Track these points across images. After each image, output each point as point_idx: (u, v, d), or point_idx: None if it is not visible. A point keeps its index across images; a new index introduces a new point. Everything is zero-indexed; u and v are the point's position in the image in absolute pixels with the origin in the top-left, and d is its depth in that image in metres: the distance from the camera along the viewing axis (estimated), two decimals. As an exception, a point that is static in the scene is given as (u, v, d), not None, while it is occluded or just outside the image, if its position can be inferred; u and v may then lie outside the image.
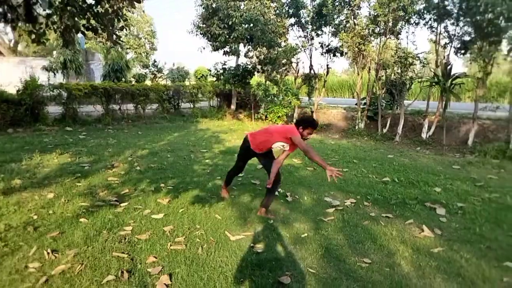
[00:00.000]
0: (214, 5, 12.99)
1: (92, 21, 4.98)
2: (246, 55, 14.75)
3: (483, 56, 8.81)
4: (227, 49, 14.28)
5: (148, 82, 18.62)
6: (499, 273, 2.99)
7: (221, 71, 14.89)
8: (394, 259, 3.20)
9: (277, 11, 13.48)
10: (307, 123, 3.97)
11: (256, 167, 6.60)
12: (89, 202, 4.36)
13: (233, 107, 15.71)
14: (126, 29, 5.69)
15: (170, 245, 3.32)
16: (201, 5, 13.45)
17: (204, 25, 13.61)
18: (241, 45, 14.39)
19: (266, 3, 13.29)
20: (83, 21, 4.96)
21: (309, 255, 3.26)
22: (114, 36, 5.24)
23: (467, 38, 9.73)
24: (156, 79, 20.00)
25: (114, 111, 12.85)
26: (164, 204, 4.38)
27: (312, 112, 13.46)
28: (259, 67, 14.17)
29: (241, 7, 13.27)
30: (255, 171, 6.31)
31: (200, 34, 13.95)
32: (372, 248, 3.41)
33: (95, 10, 4.88)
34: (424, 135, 10.29)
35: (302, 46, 13.46)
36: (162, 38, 71.68)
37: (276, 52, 13.04)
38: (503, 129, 9.16)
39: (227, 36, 13.05)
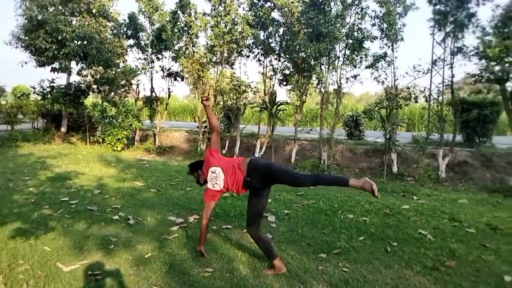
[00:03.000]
0: (39, 17, 11.62)
1: None
2: (79, 73, 13.59)
3: (299, 87, 10.52)
4: (56, 65, 12.88)
5: None
6: (316, 264, 3.60)
7: (49, 89, 13.28)
8: (234, 265, 3.49)
9: (115, 31, 13.02)
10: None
11: (93, 192, 6.15)
12: None
13: (63, 129, 14.13)
14: None
15: (-17, 288, 2.80)
16: (23, 15, 11.84)
17: (27, 38, 11.98)
18: (73, 62, 13.23)
19: (102, 22, 12.68)
20: None
21: (153, 273, 3.25)
22: None
23: (287, 71, 11.48)
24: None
25: None
26: (-28, 243, 3.64)
27: (154, 134, 13.31)
28: (94, 86, 13.24)
29: (73, 22, 12.30)
30: (91, 196, 5.87)
31: (22, 47, 12.19)
32: (214, 258, 3.63)
33: None
34: (257, 154, 11.45)
35: (142, 68, 13.29)
36: (-34, 48, 59.07)
37: (114, 73, 12.49)
38: (316, 148, 11.04)
39: (56, 52, 11.83)
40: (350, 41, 9.76)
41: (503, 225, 4.85)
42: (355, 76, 10.13)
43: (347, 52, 9.93)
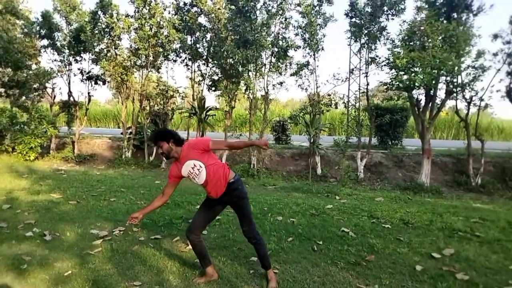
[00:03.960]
0: None
1: None
2: (-19, 75, 12.13)
3: (228, 93, 10.59)
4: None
5: None
6: (247, 268, 3.64)
7: None
8: (163, 276, 3.37)
9: (26, 30, 11.88)
10: None
11: (1, 207, 5.53)
12: None
13: (-38, 138, 12.48)
14: None
15: None
16: None
17: None
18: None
19: (10, 19, 11.49)
20: None
21: (75, 292, 3.02)
22: None
23: (216, 77, 11.50)
24: None
25: None
26: None
27: (73, 142, 12.38)
28: (2, 90, 11.92)
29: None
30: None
31: None
32: (142, 270, 3.48)
33: None
34: (186, 161, 11.26)
35: (58, 71, 12.30)
36: None
37: (25, 75, 11.37)
38: (246, 152, 11.19)
39: (-47, 50, 10.43)
40: (276, 49, 10.13)
41: (414, 219, 5.38)
42: (281, 83, 10.52)
43: (273, 59, 10.28)
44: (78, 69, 12.51)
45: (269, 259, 3.33)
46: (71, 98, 12.70)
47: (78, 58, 12.38)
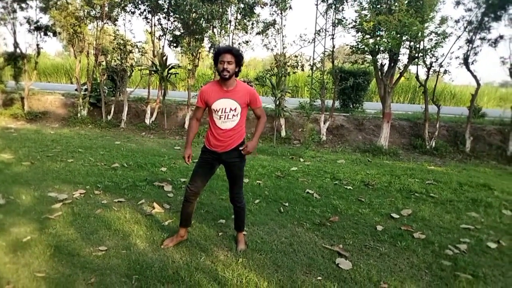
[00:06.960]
0: None
1: None
2: None
3: (191, 50, 10.12)
4: None
5: None
6: (216, 230, 3.64)
7: None
8: (130, 240, 3.30)
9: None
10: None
11: None
12: None
13: None
14: None
15: None
16: None
17: None
18: None
19: None
20: None
21: (35, 258, 2.87)
22: None
23: (178, 32, 10.88)
24: None
25: None
26: None
27: (22, 98, 11.49)
28: None
29: None
30: None
31: None
32: (107, 235, 3.37)
33: None
34: (147, 121, 10.87)
35: (1, 19, 11.10)
36: None
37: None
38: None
39: None
40: (242, 5, 9.70)
41: (374, 181, 5.61)
42: (246, 42, 10.21)
43: (239, 16, 9.88)
44: (24, 17, 11.37)
45: (244, 223, 3.37)
46: (18, 50, 11.62)
47: (23, 5, 11.19)
